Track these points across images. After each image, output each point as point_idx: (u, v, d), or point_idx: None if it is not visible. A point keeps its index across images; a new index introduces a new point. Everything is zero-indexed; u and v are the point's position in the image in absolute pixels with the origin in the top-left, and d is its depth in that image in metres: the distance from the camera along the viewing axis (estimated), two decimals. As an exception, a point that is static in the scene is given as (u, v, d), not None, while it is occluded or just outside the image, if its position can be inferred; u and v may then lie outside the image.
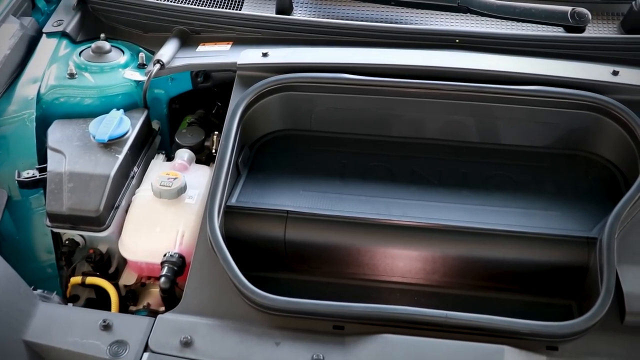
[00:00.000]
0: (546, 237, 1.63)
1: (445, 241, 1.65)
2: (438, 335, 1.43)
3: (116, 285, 1.75)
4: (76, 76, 1.99)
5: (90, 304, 1.77)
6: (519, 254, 1.64)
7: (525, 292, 1.66)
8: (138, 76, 2.02)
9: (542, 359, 1.41)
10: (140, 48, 2.14)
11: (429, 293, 1.67)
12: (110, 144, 1.81)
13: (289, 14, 2.22)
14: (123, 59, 2.06)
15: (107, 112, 1.89)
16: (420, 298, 1.66)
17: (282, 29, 2.11)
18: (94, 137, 1.81)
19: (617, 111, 1.76)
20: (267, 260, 1.70)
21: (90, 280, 1.73)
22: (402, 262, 1.67)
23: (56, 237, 1.80)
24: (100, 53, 2.05)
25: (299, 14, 2.24)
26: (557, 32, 2.12)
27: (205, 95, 2.15)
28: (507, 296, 1.66)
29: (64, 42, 2.14)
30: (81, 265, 1.78)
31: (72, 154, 1.78)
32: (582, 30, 2.10)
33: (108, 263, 1.79)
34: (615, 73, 1.87)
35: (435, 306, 1.49)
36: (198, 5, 2.23)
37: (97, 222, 1.70)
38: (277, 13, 2.21)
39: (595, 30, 2.17)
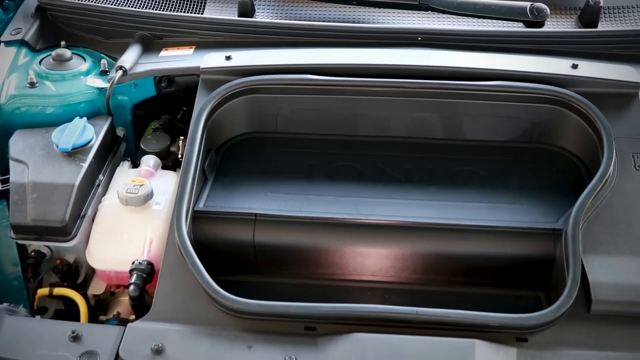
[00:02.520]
0: (513, 230, 1.65)
1: (413, 238, 1.66)
2: (409, 331, 1.44)
3: (85, 295, 1.73)
4: (37, 85, 1.97)
5: (59, 315, 1.75)
6: (486, 248, 1.65)
7: (495, 285, 1.68)
8: (100, 83, 2.00)
9: (512, 350, 1.42)
10: (102, 55, 2.12)
11: (400, 290, 1.68)
12: (74, 153, 1.79)
13: (251, 16, 2.22)
14: (85, 66, 2.04)
15: (69, 120, 1.86)
16: (392, 296, 1.67)
17: (245, 31, 2.11)
18: (57, 146, 1.79)
19: (578, 104, 1.79)
20: (236, 264, 1.69)
21: (58, 291, 1.71)
22: (371, 260, 1.67)
23: (21, 248, 1.77)
24: (61, 61, 2.03)
25: (261, 16, 2.24)
26: (517, 27, 2.15)
27: (170, 101, 2.13)
28: (477, 290, 1.68)
29: (23, 50, 2.11)
30: (48, 277, 1.75)
31: (35, 164, 1.76)
32: (541, 25, 2.14)
33: (76, 273, 1.77)
34: (574, 66, 1.90)
35: (407, 303, 1.50)
36: (159, 10, 2.21)
37: (63, 232, 1.67)
38: (239, 16, 2.20)
39: (554, 25, 2.20)
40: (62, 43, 2.11)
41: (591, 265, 1.52)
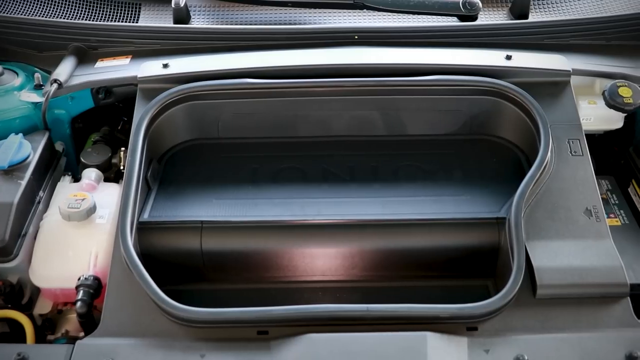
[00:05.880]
0: (458, 221, 1.67)
1: (360, 235, 1.67)
2: (362, 329, 1.44)
3: (31, 316, 1.68)
4: (-32, 103, 1.92)
5: (4, 338, 1.69)
6: (433, 241, 1.67)
7: (444, 277, 1.70)
8: (35, 97, 1.95)
9: (463, 340, 1.44)
10: (36, 68, 2.07)
11: (351, 288, 1.69)
12: (11, 170, 1.75)
13: (187, 22, 2.20)
14: (18, 81, 1.99)
15: (5, 137, 1.82)
16: (343, 294, 1.68)
17: (181, 38, 2.09)
18: (-8, 165, 1.75)
19: (513, 94, 1.83)
20: (185, 273, 1.67)
21: (2, 313, 1.65)
22: (321, 260, 1.68)
23: (-40, 273, 1.72)
24: (-9, 77, 1.98)
25: (197, 22, 2.22)
26: (451, 22, 2.19)
27: (110, 112, 2.10)
28: (427, 283, 1.69)
29: (-49, 68, 2.05)
30: (-10, 300, 1.71)
31: (-29, 184, 1.71)
32: (474, 18, 2.18)
33: (20, 293, 1.72)
34: (508, 57, 1.94)
35: (358, 301, 1.51)
36: (93, 21, 2.18)
37: (3, 252, 1.63)
38: (174, 23, 2.19)
39: (487, 18, 2.25)
40: (-8, 58, 2.07)
41: (534, 251, 1.56)
